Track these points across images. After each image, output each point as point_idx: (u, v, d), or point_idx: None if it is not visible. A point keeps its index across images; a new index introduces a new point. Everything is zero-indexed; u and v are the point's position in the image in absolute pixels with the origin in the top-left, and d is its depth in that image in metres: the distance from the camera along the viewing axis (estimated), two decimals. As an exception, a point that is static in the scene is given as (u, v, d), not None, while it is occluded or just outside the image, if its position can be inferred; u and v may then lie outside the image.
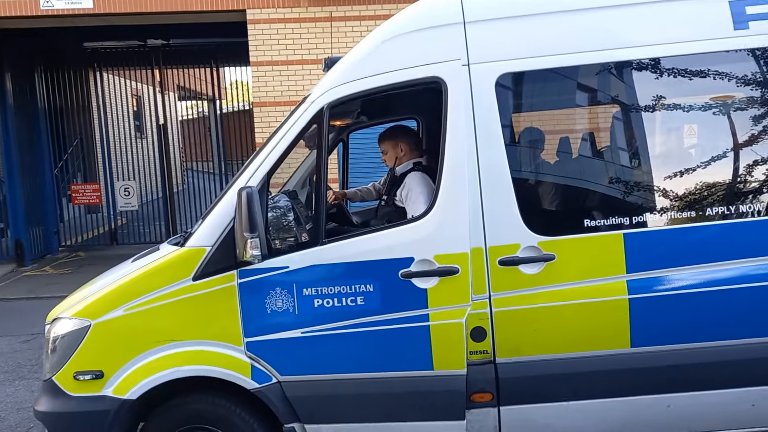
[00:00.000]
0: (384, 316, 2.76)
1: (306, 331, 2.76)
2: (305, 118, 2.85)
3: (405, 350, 2.77)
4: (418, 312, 2.74)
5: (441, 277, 2.69)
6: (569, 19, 2.85)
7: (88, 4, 8.28)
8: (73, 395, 2.81)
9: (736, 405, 2.76)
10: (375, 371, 2.80)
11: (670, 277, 2.74)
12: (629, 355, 2.72)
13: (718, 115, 2.97)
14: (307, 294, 2.75)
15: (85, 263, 10.29)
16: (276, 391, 2.78)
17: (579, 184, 2.97)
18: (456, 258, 2.69)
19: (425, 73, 2.82)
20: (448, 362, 2.73)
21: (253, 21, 8.45)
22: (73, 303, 3.02)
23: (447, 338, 2.72)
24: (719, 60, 2.85)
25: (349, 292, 2.75)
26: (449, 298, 2.71)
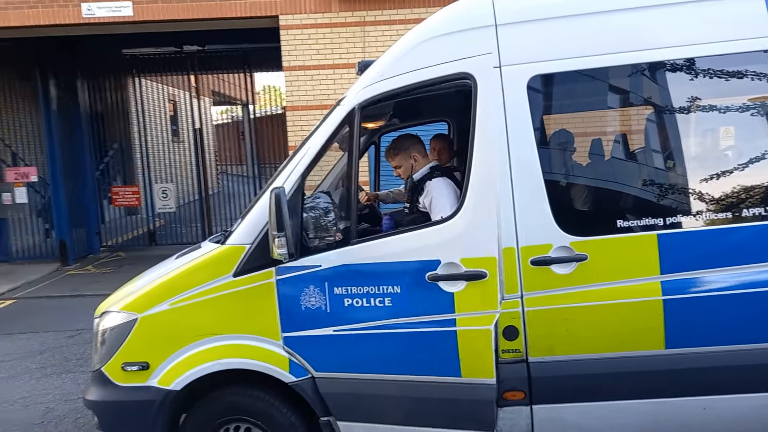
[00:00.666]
0: (411, 319, 2.76)
1: (337, 330, 2.81)
2: (337, 119, 2.92)
3: (432, 355, 2.75)
4: (445, 316, 2.72)
5: (468, 281, 2.69)
6: (601, 20, 2.85)
7: (128, 12, 8.58)
8: (120, 385, 2.95)
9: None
10: (404, 374, 2.80)
11: (705, 279, 2.71)
12: (663, 357, 2.71)
13: (755, 116, 2.92)
14: (338, 293, 2.80)
15: (126, 263, 10.62)
16: (311, 385, 2.86)
17: (611, 185, 2.97)
18: (484, 262, 2.67)
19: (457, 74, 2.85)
20: (476, 370, 2.69)
21: (285, 26, 8.62)
22: (121, 297, 3.16)
23: (474, 345, 2.68)
24: (756, 60, 2.81)
25: (377, 292, 2.77)
26: (477, 303, 2.68)
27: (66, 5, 8.58)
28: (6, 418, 4.54)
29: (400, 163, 3.51)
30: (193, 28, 9.39)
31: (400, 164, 3.52)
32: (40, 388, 5.12)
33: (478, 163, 2.73)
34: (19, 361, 5.84)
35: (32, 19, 8.60)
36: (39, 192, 10.75)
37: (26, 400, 4.88)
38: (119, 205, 11.75)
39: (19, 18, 8.60)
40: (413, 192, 3.53)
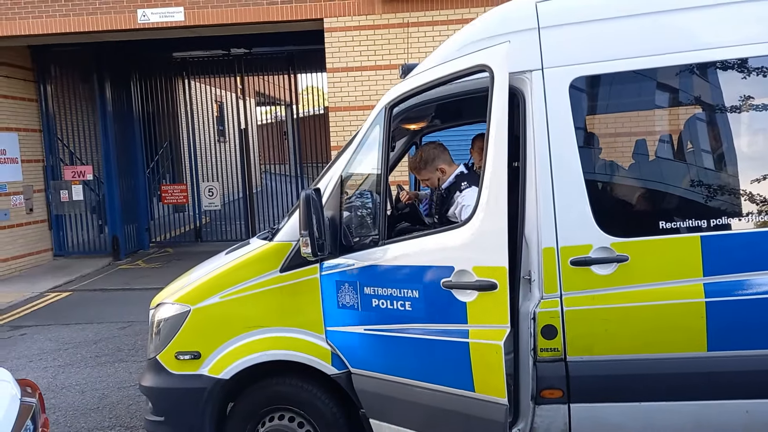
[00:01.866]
0: (429, 326, 2.71)
1: (368, 329, 2.87)
2: (369, 120, 3.02)
3: (448, 365, 2.69)
4: (458, 326, 2.63)
5: (479, 291, 2.58)
6: (643, 22, 2.83)
7: (179, 18, 8.91)
8: (174, 373, 3.11)
9: None
10: (423, 381, 2.77)
11: (749, 282, 2.67)
12: (705, 359, 2.68)
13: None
14: (367, 293, 2.85)
15: (173, 258, 11.02)
16: (348, 379, 2.97)
17: (653, 186, 2.94)
18: (494, 272, 2.53)
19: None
20: (488, 387, 2.59)
21: (329, 29, 8.78)
22: (175, 290, 3.32)
23: (486, 360, 2.57)
24: None
25: (398, 295, 2.76)
26: (488, 315, 2.57)
27: (122, 11, 8.98)
28: (65, 403, 4.82)
29: (428, 176, 3.50)
30: (240, 31, 9.66)
31: (428, 177, 3.50)
32: (95, 375, 5.41)
33: (491, 166, 2.59)
34: (76, 349, 6.18)
35: (91, 25, 9.04)
36: (94, 190, 11.27)
37: (82, 386, 5.17)
38: (168, 203, 12.18)
39: (79, 24, 9.05)
40: (441, 202, 3.50)
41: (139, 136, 12.05)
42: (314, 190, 2.82)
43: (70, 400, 4.87)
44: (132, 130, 11.95)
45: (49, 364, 5.78)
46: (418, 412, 2.82)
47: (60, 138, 11.09)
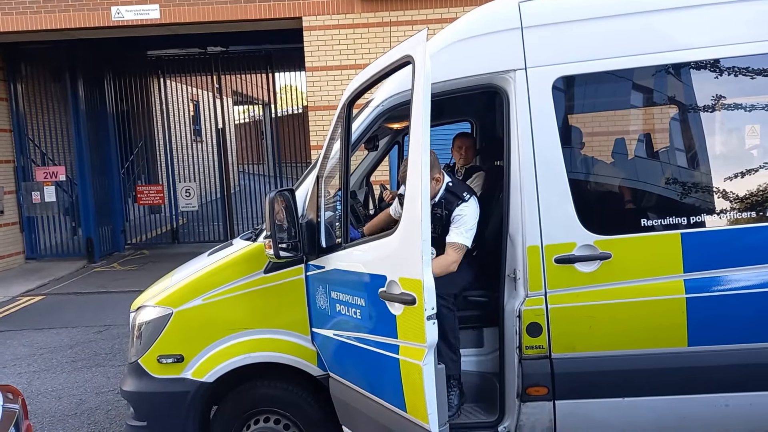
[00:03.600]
0: (372, 337, 2.57)
1: (335, 334, 2.82)
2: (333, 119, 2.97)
3: (386, 381, 2.51)
4: (390, 340, 2.45)
5: (404, 305, 2.36)
6: (624, 22, 2.88)
7: (155, 15, 8.77)
8: (156, 377, 3.06)
9: None
10: (372, 393, 2.63)
11: (728, 278, 2.74)
12: (686, 354, 2.74)
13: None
14: (333, 297, 2.80)
15: (149, 260, 10.84)
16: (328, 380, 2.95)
17: (635, 184, 2.99)
18: (413, 285, 2.30)
19: (484, 78, 2.90)
20: (414, 409, 2.36)
21: (308, 28, 8.73)
22: (156, 293, 3.27)
23: (411, 379, 2.35)
24: None
25: (351, 302, 2.67)
26: (411, 332, 2.35)
27: (96, 8, 8.79)
28: (41, 410, 4.70)
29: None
30: (217, 30, 9.55)
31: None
32: (71, 380, 5.28)
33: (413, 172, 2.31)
34: (51, 354, 6.03)
35: (64, 22, 8.83)
36: (66, 191, 11.02)
37: (59, 392, 5.04)
38: (144, 204, 11.98)
39: (51, 21, 8.84)
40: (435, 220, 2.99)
41: (113, 135, 11.82)
42: (287, 191, 2.81)
43: (47, 407, 4.75)
44: (106, 130, 11.71)
45: (24, 370, 5.63)
46: (372, 423, 2.68)
47: (31, 138, 10.82)
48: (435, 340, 2.29)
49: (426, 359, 2.27)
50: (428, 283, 2.24)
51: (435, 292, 2.27)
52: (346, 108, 2.80)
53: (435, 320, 2.27)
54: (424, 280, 2.23)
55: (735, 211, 2.82)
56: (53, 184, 10.57)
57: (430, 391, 2.28)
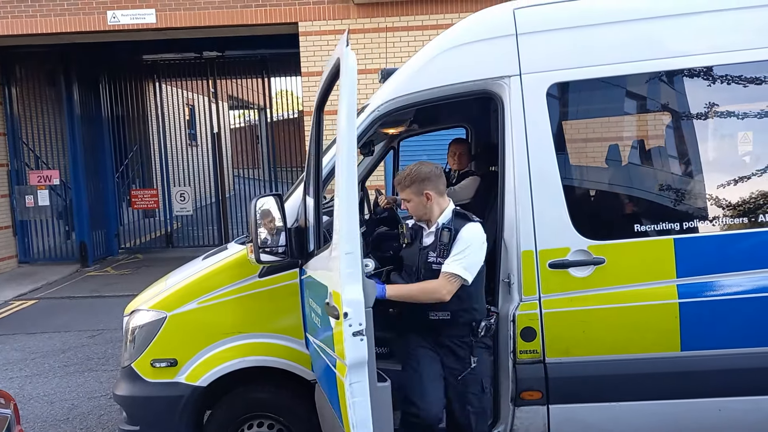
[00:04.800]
0: (325, 347, 2.48)
1: (313, 341, 2.80)
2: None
3: (333, 393, 2.40)
4: (332, 354, 2.35)
5: (335, 319, 2.24)
6: (618, 29, 2.91)
7: (151, 19, 8.77)
8: (149, 381, 3.04)
9: None
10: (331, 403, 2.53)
11: (721, 283, 2.76)
12: (679, 359, 2.76)
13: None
14: (309, 303, 2.78)
15: (143, 265, 10.79)
16: None
17: (629, 190, 3.02)
18: (337, 298, 2.21)
19: (479, 84, 2.92)
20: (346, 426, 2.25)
21: (304, 33, 8.75)
22: (150, 296, 3.26)
23: (342, 395, 2.24)
24: None
25: (315, 310, 2.63)
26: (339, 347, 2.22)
27: (92, 13, 8.79)
28: (33, 414, 4.66)
29: (409, 197, 2.78)
30: (212, 34, 9.55)
31: (409, 199, 2.79)
32: (63, 385, 5.24)
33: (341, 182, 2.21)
34: (43, 359, 5.98)
35: (59, 26, 8.82)
36: (60, 195, 10.97)
37: (51, 397, 5.00)
38: (138, 208, 11.93)
39: (47, 25, 8.82)
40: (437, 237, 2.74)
41: (108, 139, 11.79)
42: (274, 196, 2.81)
43: (39, 411, 4.71)
44: (101, 134, 11.68)
45: (16, 375, 5.58)
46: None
47: (25, 142, 10.77)
48: (360, 358, 2.15)
49: (350, 377, 2.16)
50: (351, 297, 2.14)
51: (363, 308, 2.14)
52: (315, 113, 2.79)
53: (363, 337, 2.15)
54: (343, 293, 2.15)
55: (727, 217, 2.85)
56: (47, 188, 10.51)
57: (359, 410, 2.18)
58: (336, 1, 8.67)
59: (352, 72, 2.21)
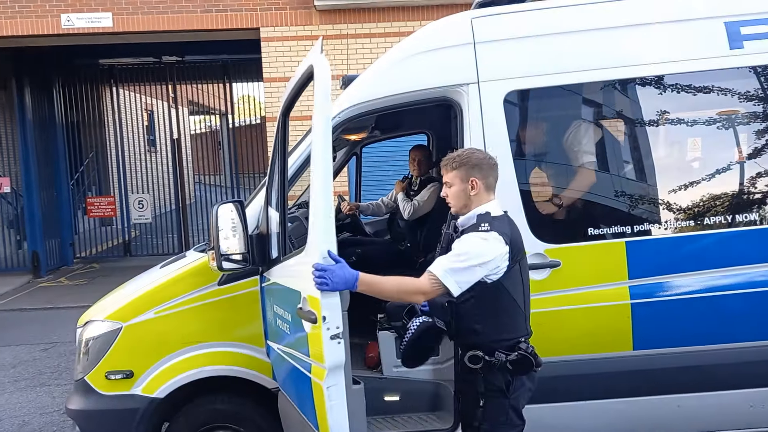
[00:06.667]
0: (295, 352, 2.46)
1: (276, 347, 2.76)
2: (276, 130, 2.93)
3: (304, 397, 2.38)
4: (306, 358, 2.32)
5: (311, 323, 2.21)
6: (574, 39, 3.00)
7: (107, 23, 8.56)
8: (104, 394, 2.95)
9: (737, 406, 2.87)
10: (300, 409, 2.53)
11: (670, 284, 2.86)
12: (632, 358, 2.84)
13: (717, 129, 3.09)
14: (274, 310, 2.74)
15: (99, 275, 10.47)
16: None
17: (583, 195, 3.09)
18: (312, 302, 2.18)
19: (437, 92, 2.96)
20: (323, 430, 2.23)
21: (266, 39, 8.69)
22: (105, 307, 3.17)
23: (319, 400, 2.21)
24: (717, 77, 2.99)
25: (283, 316, 2.59)
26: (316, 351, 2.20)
27: (45, 15, 8.52)
28: (-20, 432, 4.47)
29: (451, 181, 2.42)
30: (172, 39, 9.39)
31: (451, 182, 2.42)
32: (14, 401, 5.04)
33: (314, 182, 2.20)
34: (-8, 374, 5.75)
35: (11, 29, 8.52)
36: (11, 203, 10.57)
37: (0, 414, 4.80)
38: (94, 216, 11.60)
39: (-3, 27, 8.52)
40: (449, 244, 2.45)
41: (62, 146, 11.41)
42: (234, 202, 2.78)
43: (-14, 429, 4.53)
44: (54, 140, 11.30)
45: (-38, 391, 5.35)
46: None
47: (-27, 148, 10.36)
48: (338, 361, 2.13)
49: (327, 380, 2.13)
50: (328, 301, 2.11)
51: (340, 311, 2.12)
52: (281, 118, 2.78)
53: (340, 340, 2.12)
54: (321, 297, 2.12)
55: (677, 221, 2.96)
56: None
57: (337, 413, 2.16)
58: (298, 7, 8.66)
59: (326, 79, 2.19)
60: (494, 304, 2.28)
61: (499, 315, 2.30)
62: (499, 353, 2.29)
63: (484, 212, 2.33)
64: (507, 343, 2.31)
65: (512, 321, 2.34)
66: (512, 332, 2.33)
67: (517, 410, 2.36)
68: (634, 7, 3.06)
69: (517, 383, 2.33)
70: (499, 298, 2.28)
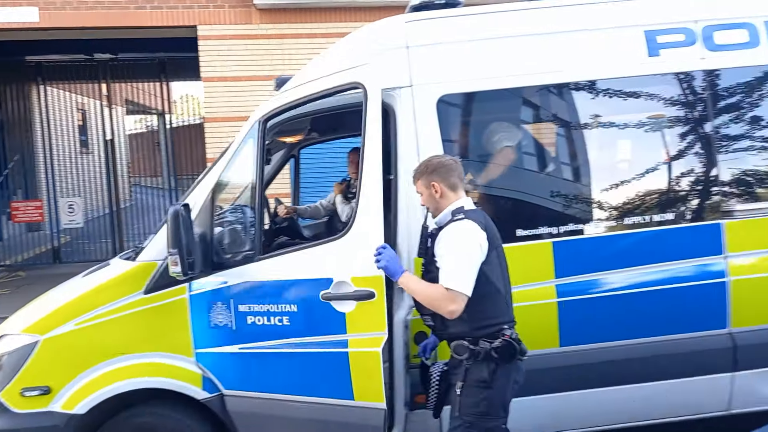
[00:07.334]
0: (308, 339, 2.74)
1: (242, 348, 2.80)
2: (241, 133, 2.96)
3: (328, 377, 2.73)
4: (337, 337, 2.68)
5: (357, 301, 2.64)
6: (505, 44, 3.07)
7: (33, 18, 8.11)
8: (19, 412, 2.79)
9: (653, 397, 3.00)
10: (303, 395, 2.77)
11: (594, 282, 2.97)
12: (558, 354, 2.93)
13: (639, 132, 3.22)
14: (242, 310, 2.79)
15: (25, 283, 9.89)
16: (220, 402, 2.85)
17: (513, 195, 3.16)
18: (372, 281, 2.60)
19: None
20: (367, 393, 2.66)
21: (204, 37, 8.46)
22: (22, 319, 3.00)
23: (365, 367, 2.62)
24: (639, 83, 3.13)
25: (276, 311, 2.74)
26: (367, 324, 2.63)
27: (-40, 8, 7.99)
28: None
29: (419, 190, 2.62)
30: (104, 36, 9.01)
31: (420, 192, 2.63)
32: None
33: (367, 179, 2.69)
34: None
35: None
36: (-75, 208, 9.86)
37: None
38: (20, 221, 10.95)
39: None
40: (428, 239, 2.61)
41: (-16, 147, 10.74)
42: (183, 206, 2.70)
43: None
44: (-25, 141, 10.63)
45: None
46: (299, 427, 2.80)
47: None
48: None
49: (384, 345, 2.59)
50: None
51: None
52: (262, 124, 2.83)
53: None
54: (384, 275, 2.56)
55: (601, 221, 3.07)
56: None
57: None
58: (237, 5, 8.47)
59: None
60: (477, 290, 2.37)
61: (481, 301, 2.39)
62: (484, 341, 2.39)
63: (457, 207, 2.51)
64: (491, 330, 2.42)
65: (494, 306, 2.45)
66: (495, 317, 2.45)
67: (502, 402, 2.46)
68: (563, 14, 3.16)
69: (502, 372, 2.41)
70: (480, 284, 2.38)
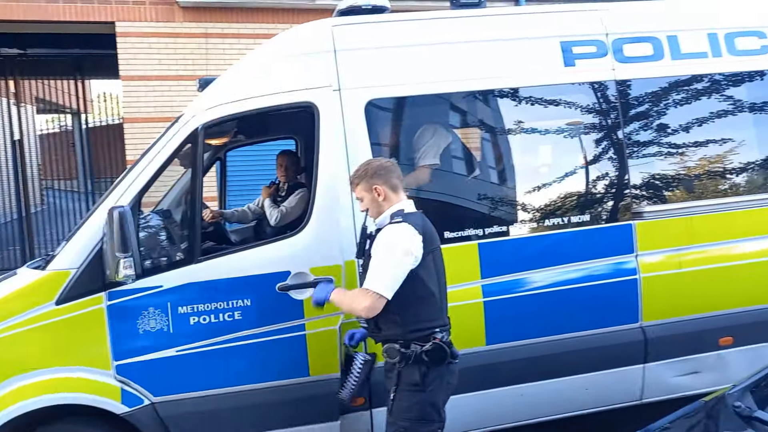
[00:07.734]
0: (262, 329, 2.89)
1: (181, 349, 2.79)
2: (179, 137, 2.88)
3: (282, 360, 2.91)
4: (294, 323, 2.92)
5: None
6: (432, 51, 3.15)
7: (-76, 7, 7.45)
8: None
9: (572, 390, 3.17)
10: (252, 383, 2.89)
11: (517, 281, 3.10)
12: (484, 352, 3.03)
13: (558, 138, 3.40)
14: (183, 312, 2.79)
15: None
16: (149, 413, 2.75)
17: (439, 197, 3.24)
18: (331, 270, 2.90)
19: (299, 97, 2.97)
20: (324, 367, 2.92)
21: (123, 34, 8.08)
22: None
23: (322, 345, 2.91)
24: (557, 92, 3.30)
25: (226, 307, 2.84)
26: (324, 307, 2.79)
27: None
28: None
29: (360, 195, 2.55)
30: (11, 30, 8.40)
31: (361, 197, 2.55)
32: None
33: (322, 181, 2.95)
34: None
35: None
36: None
37: None
38: None
39: None
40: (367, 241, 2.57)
41: None
42: (126, 207, 2.61)
43: None
44: None
45: None
46: (246, 414, 2.88)
47: None
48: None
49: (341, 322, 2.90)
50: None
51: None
52: (202, 132, 2.87)
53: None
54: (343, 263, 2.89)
55: (524, 222, 3.21)
56: None
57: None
58: (158, 2, 8.15)
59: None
60: (411, 294, 2.38)
61: (415, 304, 2.40)
62: (415, 344, 2.38)
63: (396, 210, 2.48)
64: (422, 333, 2.40)
65: (428, 310, 2.44)
66: (428, 321, 2.43)
67: (435, 405, 2.43)
68: (488, 24, 3.29)
69: (433, 375, 2.40)
70: (415, 288, 2.38)
